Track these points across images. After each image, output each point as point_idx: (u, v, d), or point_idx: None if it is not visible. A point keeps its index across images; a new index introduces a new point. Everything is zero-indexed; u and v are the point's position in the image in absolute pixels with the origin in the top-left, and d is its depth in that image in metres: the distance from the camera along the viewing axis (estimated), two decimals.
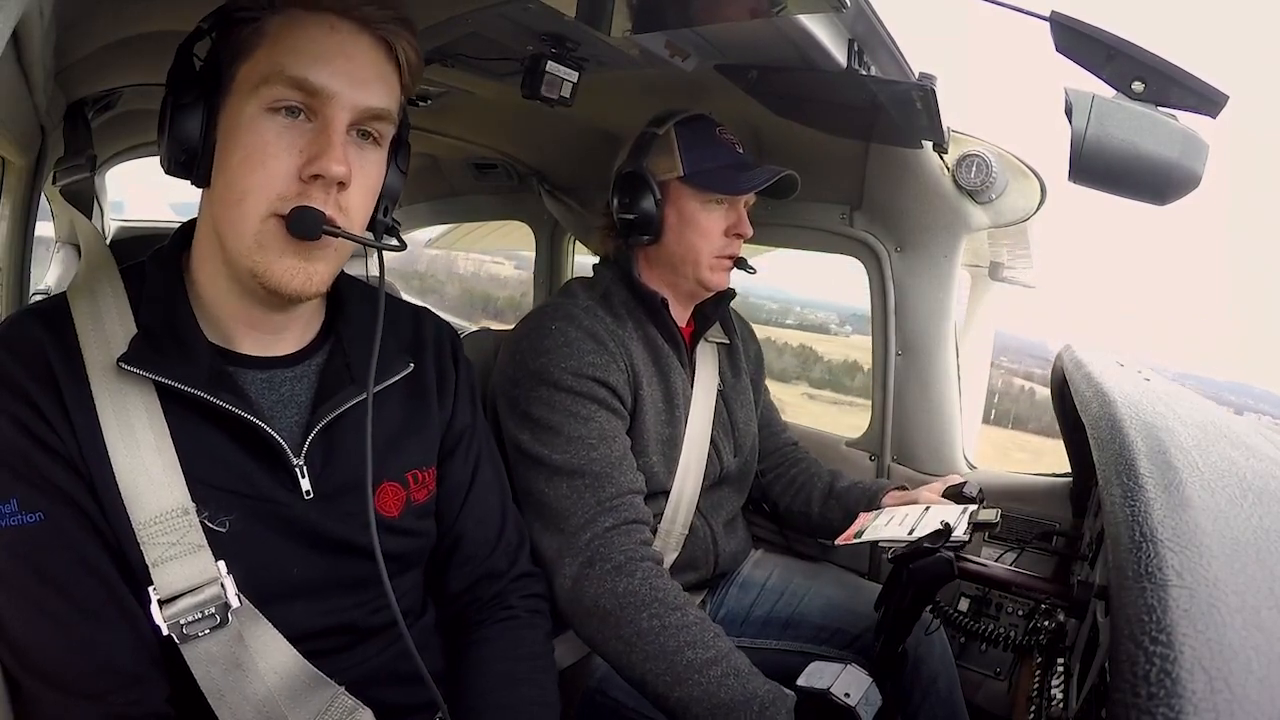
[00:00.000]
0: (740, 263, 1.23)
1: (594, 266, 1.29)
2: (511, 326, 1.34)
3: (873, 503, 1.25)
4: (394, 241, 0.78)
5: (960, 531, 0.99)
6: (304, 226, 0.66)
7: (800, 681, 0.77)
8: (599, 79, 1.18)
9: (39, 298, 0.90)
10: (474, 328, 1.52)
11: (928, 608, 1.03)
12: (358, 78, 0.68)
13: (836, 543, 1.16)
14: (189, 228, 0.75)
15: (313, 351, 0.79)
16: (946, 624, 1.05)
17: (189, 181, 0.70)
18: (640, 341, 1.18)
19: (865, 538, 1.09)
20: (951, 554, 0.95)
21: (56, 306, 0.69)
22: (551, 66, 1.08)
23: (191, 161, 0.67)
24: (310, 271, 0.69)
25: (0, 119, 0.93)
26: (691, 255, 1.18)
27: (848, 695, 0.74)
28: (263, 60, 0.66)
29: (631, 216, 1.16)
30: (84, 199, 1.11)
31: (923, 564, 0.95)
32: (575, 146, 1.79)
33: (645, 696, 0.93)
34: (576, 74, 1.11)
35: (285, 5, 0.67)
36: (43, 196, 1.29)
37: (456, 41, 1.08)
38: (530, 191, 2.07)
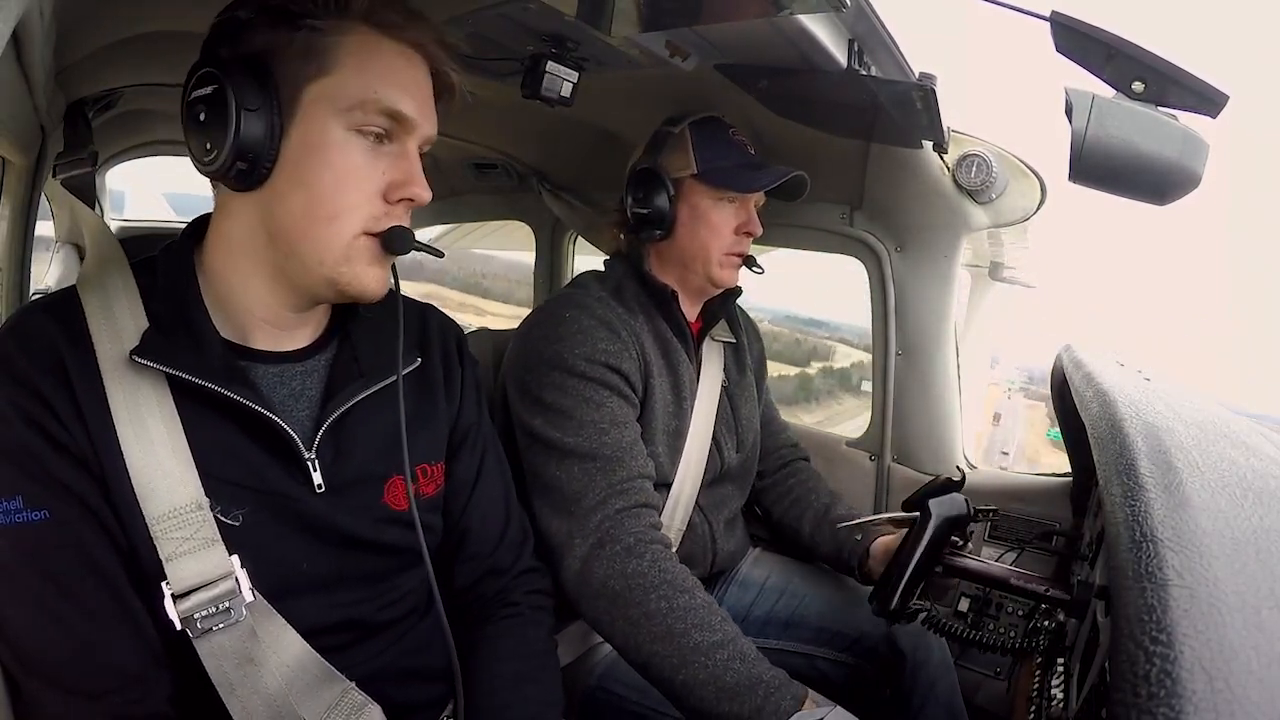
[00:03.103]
0: (748, 261, 1.24)
1: (605, 261, 1.30)
2: (508, 328, 1.34)
3: (865, 538, 1.25)
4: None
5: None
6: (399, 244, 0.72)
7: None
8: (599, 79, 1.18)
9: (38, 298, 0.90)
10: (473, 327, 1.52)
11: (923, 615, 1.04)
12: (428, 109, 0.73)
13: (839, 526, 1.19)
14: (201, 224, 0.75)
15: (322, 346, 0.80)
16: (942, 634, 1.05)
17: (230, 187, 0.69)
18: (650, 333, 1.19)
19: (867, 518, 1.11)
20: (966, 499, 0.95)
21: (67, 300, 0.69)
22: (551, 66, 1.07)
23: (253, 169, 0.66)
24: (385, 276, 0.75)
25: (0, 119, 0.93)
26: (702, 252, 1.19)
27: None
28: (349, 82, 0.67)
29: (645, 211, 1.18)
30: (86, 193, 1.11)
31: (941, 499, 0.95)
32: (575, 146, 1.79)
33: (650, 679, 0.93)
34: (576, 74, 1.11)
35: (356, 23, 0.68)
36: (43, 197, 1.29)
37: (456, 41, 1.08)
38: (530, 191, 2.07)
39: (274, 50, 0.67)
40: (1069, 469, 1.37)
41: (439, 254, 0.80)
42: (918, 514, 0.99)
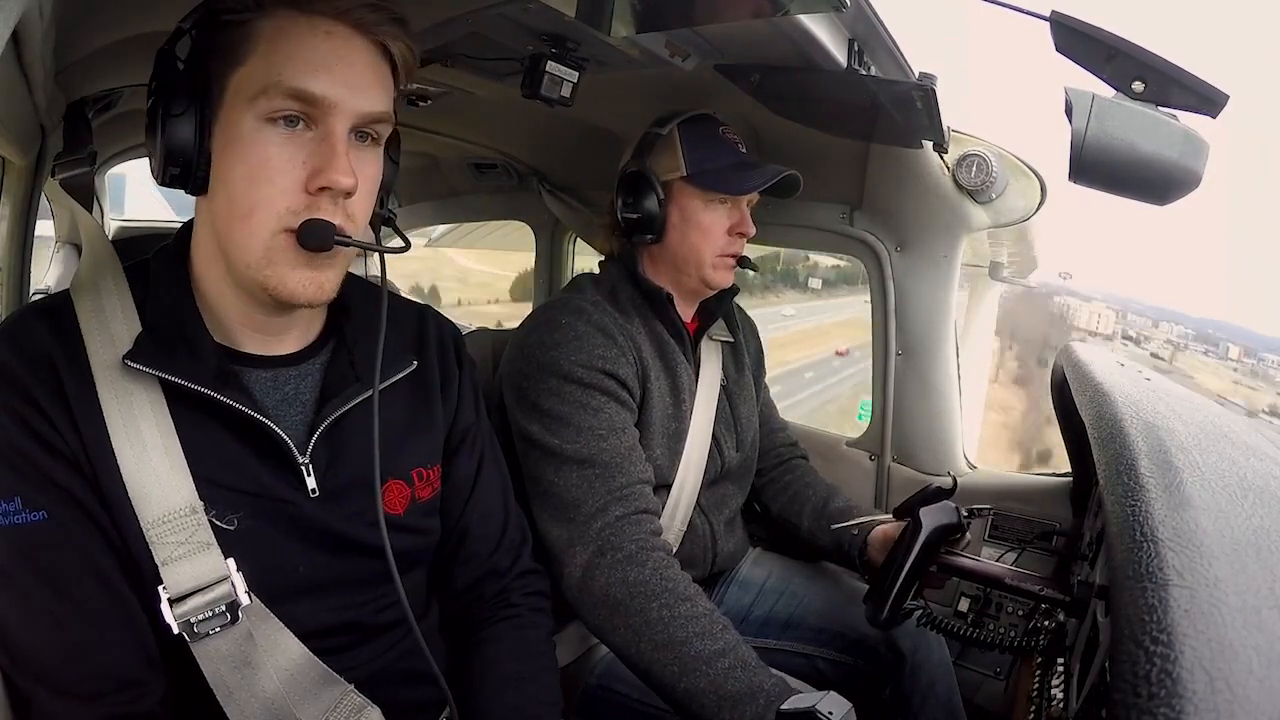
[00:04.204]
0: (743, 261, 1.24)
1: (600, 263, 1.29)
2: (507, 328, 1.34)
3: (862, 530, 1.25)
4: (398, 242, 0.78)
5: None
6: (316, 239, 0.65)
7: (784, 708, 0.78)
8: (599, 79, 1.18)
9: (38, 298, 0.90)
10: (472, 328, 1.52)
11: (919, 613, 1.03)
12: (356, 84, 0.66)
13: (832, 528, 1.18)
14: (190, 227, 0.75)
15: (316, 350, 0.79)
16: (941, 632, 1.05)
17: (188, 193, 0.69)
18: (647, 336, 1.19)
19: (859, 520, 1.11)
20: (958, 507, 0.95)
21: (60, 304, 0.69)
22: (551, 66, 1.07)
23: (187, 173, 0.66)
24: (321, 280, 0.69)
25: (0, 119, 0.93)
26: (694, 254, 1.18)
27: (831, 714, 0.75)
28: (259, 69, 0.64)
29: (635, 216, 1.17)
30: (84, 194, 1.11)
31: (932, 507, 0.95)
32: (575, 146, 1.79)
33: (651, 686, 0.93)
34: (576, 74, 1.11)
35: (274, 6, 0.65)
36: (43, 196, 1.29)
37: (456, 41, 1.08)
38: (530, 191, 2.07)
39: (206, 53, 0.66)
40: (1069, 469, 1.37)
41: (377, 249, 0.72)
42: (909, 520, 0.99)
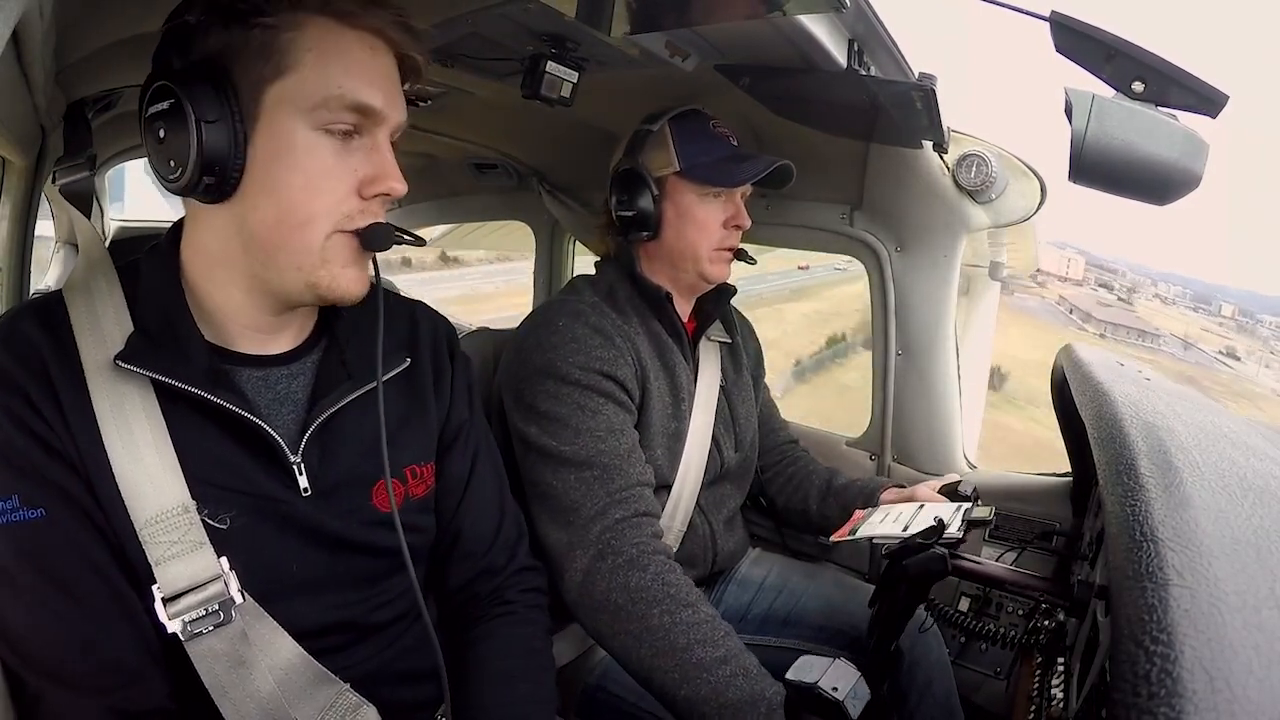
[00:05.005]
0: (740, 254, 1.23)
1: (596, 264, 1.29)
2: (508, 329, 1.34)
3: (870, 500, 1.25)
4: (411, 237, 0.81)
5: (954, 528, 0.99)
6: (378, 241, 0.71)
7: (789, 675, 0.76)
8: (599, 79, 1.18)
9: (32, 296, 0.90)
10: (473, 327, 1.51)
11: (922, 605, 1.03)
12: (395, 97, 0.70)
13: (831, 539, 1.16)
14: (180, 227, 0.75)
15: (308, 349, 0.79)
16: (944, 623, 1.05)
17: (200, 201, 0.67)
18: (645, 336, 1.19)
19: (860, 534, 1.10)
20: (945, 550, 0.95)
21: (53, 304, 0.69)
22: (551, 66, 1.08)
23: (221, 182, 0.65)
24: (366, 277, 0.73)
25: (0, 119, 0.93)
26: (691, 249, 1.18)
27: (835, 689, 0.73)
28: (311, 80, 0.64)
29: (630, 214, 1.17)
30: (83, 198, 1.11)
31: (916, 559, 0.95)
32: (575, 146, 1.79)
33: (652, 693, 0.93)
34: (576, 74, 1.11)
35: (311, 13, 0.64)
36: (43, 196, 1.29)
37: (456, 41, 1.08)
38: (530, 191, 2.07)
39: (228, 53, 0.64)
40: (1069, 469, 1.37)
41: (420, 242, 0.80)
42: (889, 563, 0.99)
